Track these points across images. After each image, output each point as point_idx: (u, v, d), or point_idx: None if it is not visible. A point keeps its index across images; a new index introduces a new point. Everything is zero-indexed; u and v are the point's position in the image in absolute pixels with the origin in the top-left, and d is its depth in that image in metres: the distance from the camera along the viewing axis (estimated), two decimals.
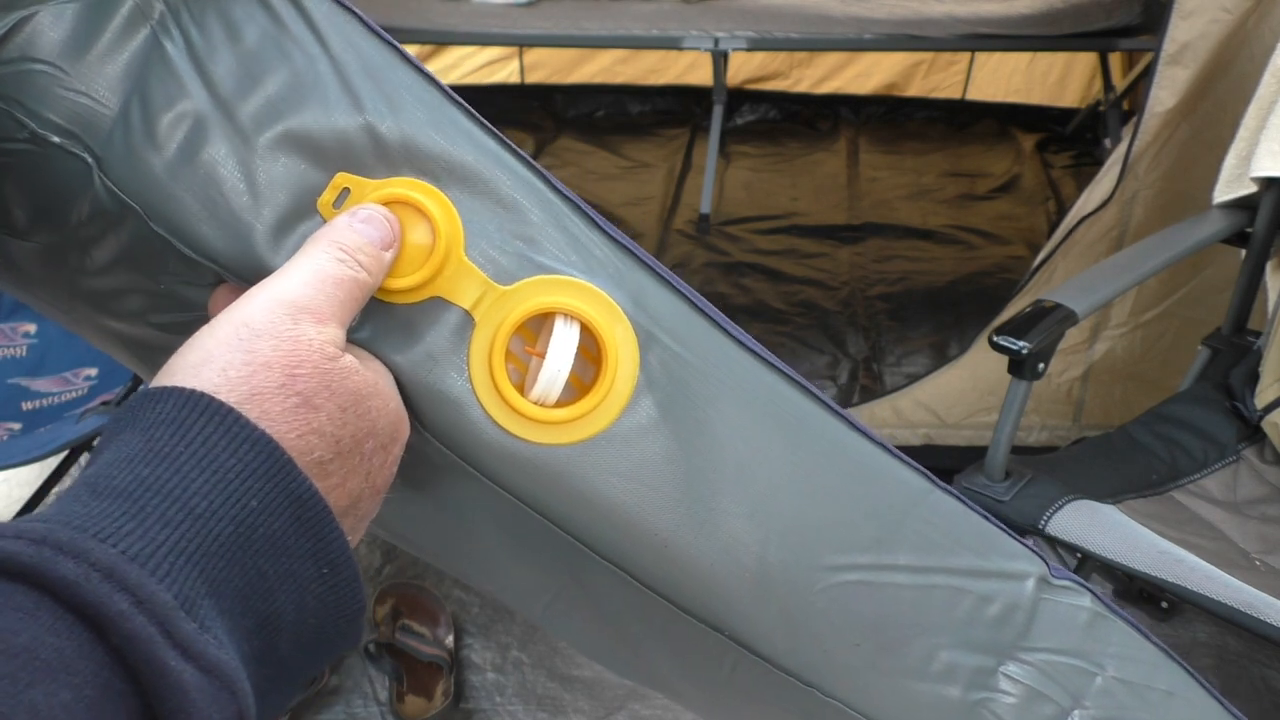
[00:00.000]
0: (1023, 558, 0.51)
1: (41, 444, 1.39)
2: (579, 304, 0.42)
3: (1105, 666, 0.52)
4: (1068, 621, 0.51)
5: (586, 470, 0.43)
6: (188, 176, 0.40)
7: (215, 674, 0.29)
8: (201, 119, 0.40)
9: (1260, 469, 1.28)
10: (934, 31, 2.43)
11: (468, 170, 0.42)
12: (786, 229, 2.56)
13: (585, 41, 2.76)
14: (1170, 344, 1.71)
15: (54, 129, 0.40)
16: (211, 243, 0.40)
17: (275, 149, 0.40)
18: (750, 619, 0.46)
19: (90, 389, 1.62)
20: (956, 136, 3.06)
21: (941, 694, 0.49)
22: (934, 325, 2.17)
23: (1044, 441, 1.80)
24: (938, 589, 0.48)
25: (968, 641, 0.49)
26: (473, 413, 0.42)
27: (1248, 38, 1.50)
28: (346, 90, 0.41)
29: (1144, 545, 1.10)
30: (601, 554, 0.45)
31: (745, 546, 0.45)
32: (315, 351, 0.36)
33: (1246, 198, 1.33)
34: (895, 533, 0.48)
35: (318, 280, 0.37)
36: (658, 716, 1.42)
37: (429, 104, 0.42)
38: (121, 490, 0.30)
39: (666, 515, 0.44)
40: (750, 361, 0.46)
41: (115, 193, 0.40)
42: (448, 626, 1.55)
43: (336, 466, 0.36)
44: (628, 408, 0.43)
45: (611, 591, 0.47)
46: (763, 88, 3.18)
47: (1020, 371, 1.13)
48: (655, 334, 0.44)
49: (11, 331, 1.68)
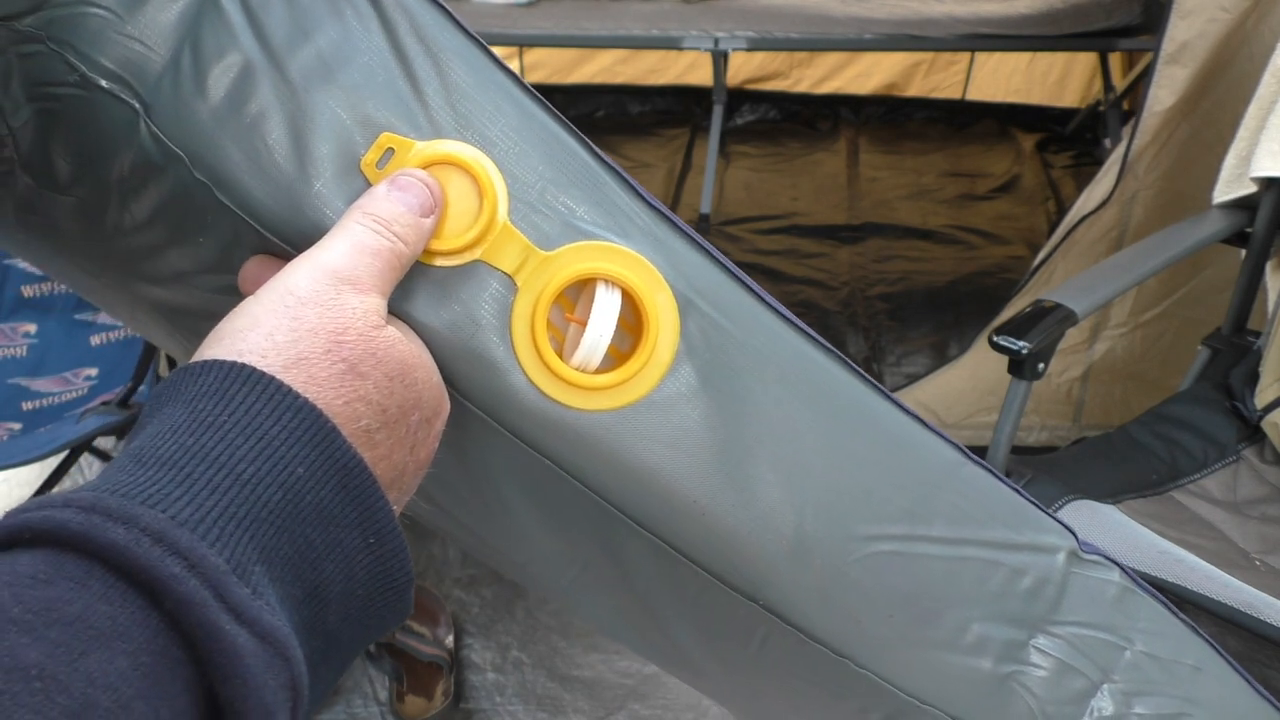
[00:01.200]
0: (1054, 531, 0.51)
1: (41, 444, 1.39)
2: (622, 270, 0.42)
3: (1134, 641, 0.52)
4: (1097, 596, 0.51)
5: (627, 436, 0.43)
6: (234, 126, 0.40)
7: (269, 640, 0.28)
8: (251, 70, 0.40)
9: (1260, 469, 1.28)
10: (934, 31, 2.43)
11: (511, 134, 0.42)
12: (786, 229, 2.56)
13: (585, 41, 2.76)
14: (1170, 344, 1.71)
15: (104, 73, 0.40)
16: (252, 193, 0.40)
17: (322, 104, 0.40)
18: (786, 589, 0.46)
19: (90, 389, 1.62)
20: (956, 136, 3.06)
21: (973, 666, 0.49)
22: (934, 325, 2.17)
23: (1044, 441, 1.81)
24: (970, 561, 0.48)
25: (1000, 614, 0.49)
26: (514, 378, 0.42)
27: (1247, 37, 1.50)
28: (395, 50, 0.41)
29: (1144, 545, 1.10)
30: (639, 521, 0.45)
31: (782, 515, 0.45)
32: (359, 319, 0.36)
33: (1246, 198, 1.33)
34: (928, 504, 0.48)
35: (356, 251, 0.37)
36: (658, 716, 1.42)
37: (475, 67, 0.42)
38: (167, 459, 0.30)
39: (705, 482, 0.44)
40: (787, 331, 0.46)
41: (161, 139, 0.40)
42: (448, 626, 1.55)
43: (383, 437, 0.36)
44: (668, 374, 0.43)
45: (644, 562, 0.47)
46: (763, 88, 3.18)
47: (1020, 371, 1.13)
48: (695, 301, 0.44)
49: (11, 331, 1.68)
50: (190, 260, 0.44)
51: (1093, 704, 0.51)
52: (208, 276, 0.44)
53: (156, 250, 0.45)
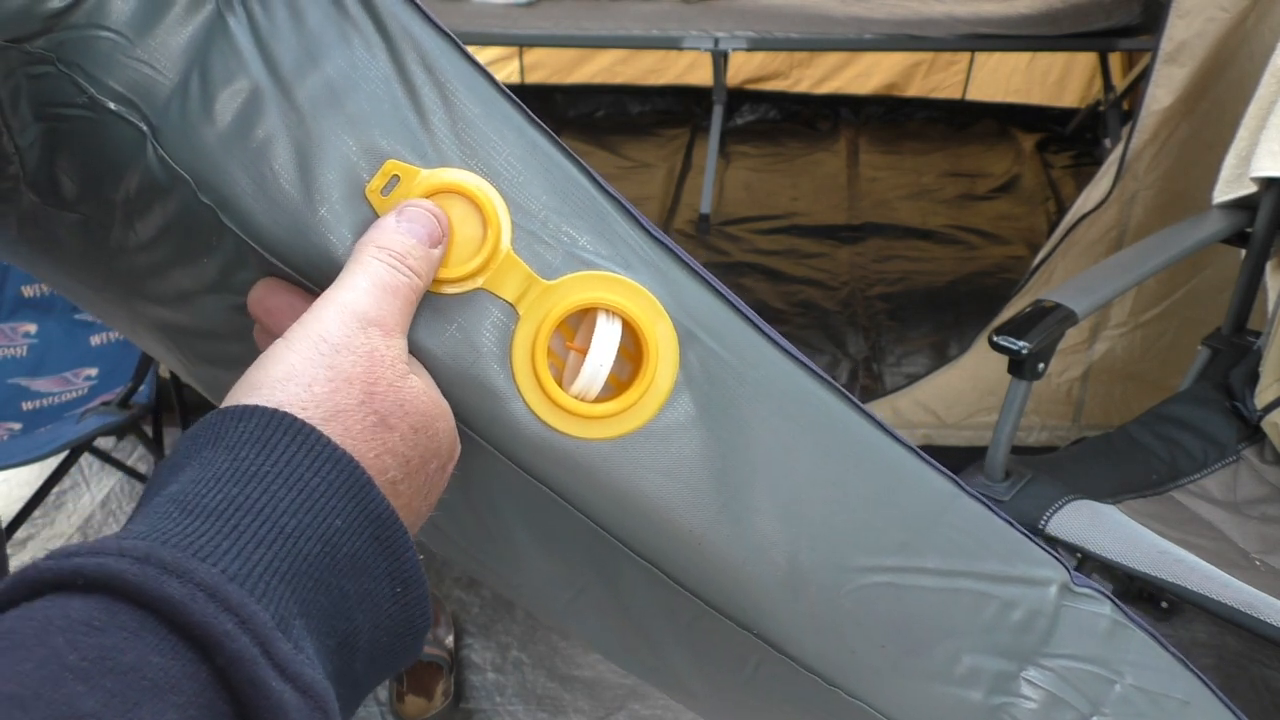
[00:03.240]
0: (1046, 564, 0.51)
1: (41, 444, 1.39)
2: (622, 300, 0.43)
3: (1124, 674, 0.52)
4: (1088, 629, 0.52)
5: (625, 465, 0.43)
6: (240, 151, 0.40)
7: (310, 694, 0.29)
8: (259, 96, 0.40)
9: (1260, 469, 1.28)
10: (934, 31, 2.43)
11: (515, 163, 0.42)
12: (786, 229, 2.56)
13: (585, 41, 2.76)
14: (1170, 344, 1.71)
15: (112, 96, 0.40)
16: (257, 218, 0.40)
17: (329, 131, 0.41)
18: (779, 618, 0.46)
19: (90, 389, 1.62)
20: (956, 136, 3.06)
21: (964, 697, 0.49)
22: (934, 325, 2.17)
23: (1044, 441, 1.81)
24: (963, 593, 0.49)
25: (991, 646, 0.49)
26: (514, 406, 0.42)
27: (1246, 37, 1.50)
28: (402, 78, 0.42)
29: (1144, 545, 1.10)
30: (635, 550, 0.45)
31: (777, 546, 0.45)
32: (389, 368, 0.36)
33: (1246, 198, 1.33)
34: (923, 536, 0.48)
35: (378, 290, 0.37)
36: (658, 716, 1.42)
37: (481, 96, 0.42)
38: (214, 510, 0.31)
39: (701, 513, 0.44)
40: (785, 363, 0.46)
41: (167, 162, 0.41)
42: (448, 626, 1.55)
43: (405, 486, 0.36)
44: (667, 404, 0.44)
45: (639, 588, 0.47)
46: (763, 88, 3.18)
47: (1020, 371, 1.13)
48: (695, 332, 0.44)
49: (11, 331, 1.68)
50: (193, 280, 0.44)
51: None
52: (210, 297, 0.44)
53: (160, 269, 0.45)
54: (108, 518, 1.82)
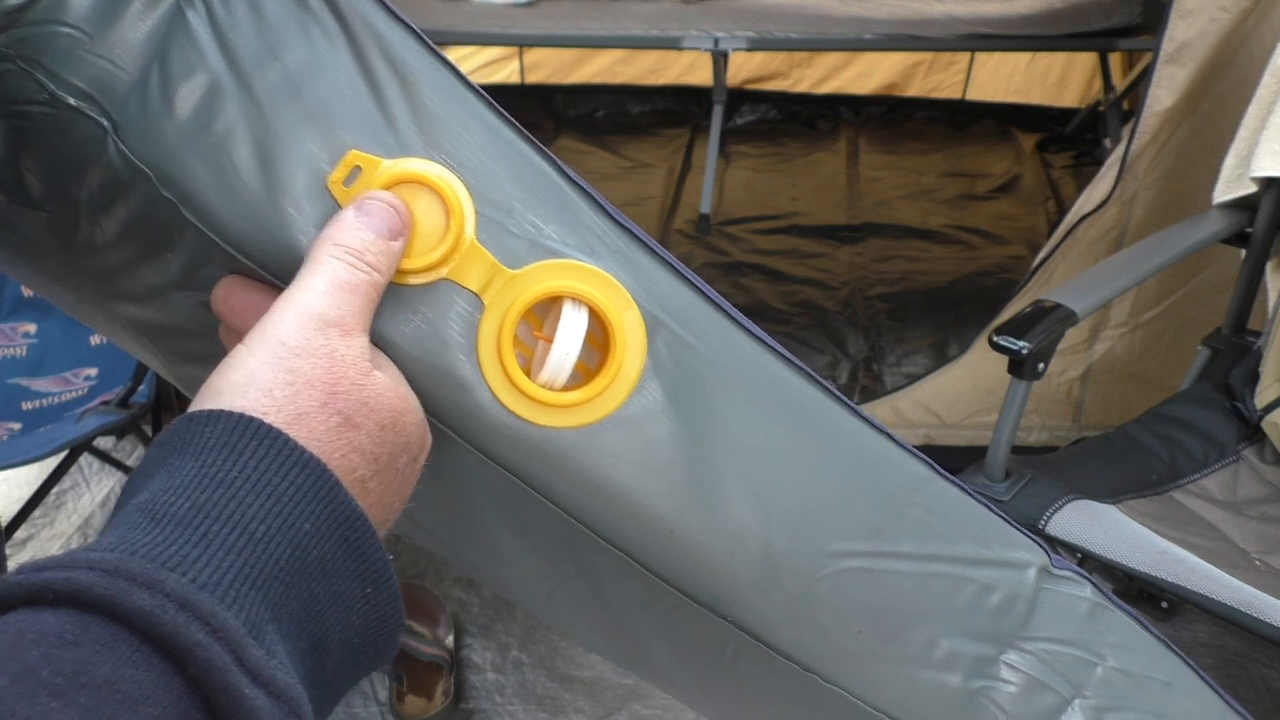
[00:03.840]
0: (1024, 547, 0.51)
1: (41, 444, 1.39)
2: (588, 288, 0.43)
3: (1105, 657, 0.52)
4: (1068, 611, 0.51)
5: (593, 454, 0.43)
6: (201, 145, 0.40)
7: (283, 699, 0.29)
8: (218, 89, 0.40)
9: (1260, 469, 1.28)
10: (934, 31, 2.43)
11: (478, 153, 0.42)
12: (786, 229, 2.56)
13: (585, 41, 2.76)
14: (1170, 344, 1.71)
15: (73, 91, 0.40)
16: (218, 211, 0.40)
17: (289, 123, 0.41)
18: (754, 605, 0.46)
19: (90, 389, 1.62)
20: (956, 136, 3.06)
21: (942, 682, 0.49)
22: (934, 325, 2.17)
23: (1044, 441, 1.81)
24: (939, 577, 0.48)
25: (969, 630, 0.49)
26: (480, 395, 0.42)
27: (1247, 37, 1.50)
28: (363, 69, 0.41)
29: (1144, 545, 1.10)
30: (607, 539, 0.45)
31: (750, 533, 0.45)
32: (350, 367, 0.36)
33: (1246, 198, 1.33)
34: (897, 521, 0.48)
35: (336, 290, 0.37)
36: (657, 717, 1.42)
37: (443, 87, 0.42)
38: (182, 518, 0.31)
39: (672, 500, 0.44)
40: (755, 348, 0.46)
41: (128, 157, 0.40)
42: (448, 626, 1.55)
43: (375, 484, 0.36)
44: (635, 392, 0.43)
45: (615, 578, 0.47)
46: (763, 88, 3.18)
47: (1020, 371, 1.13)
48: (662, 319, 0.44)
49: (11, 331, 1.68)
50: (160, 277, 0.44)
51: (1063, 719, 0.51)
52: (179, 293, 0.44)
53: (128, 267, 0.45)
54: (108, 517, 1.82)
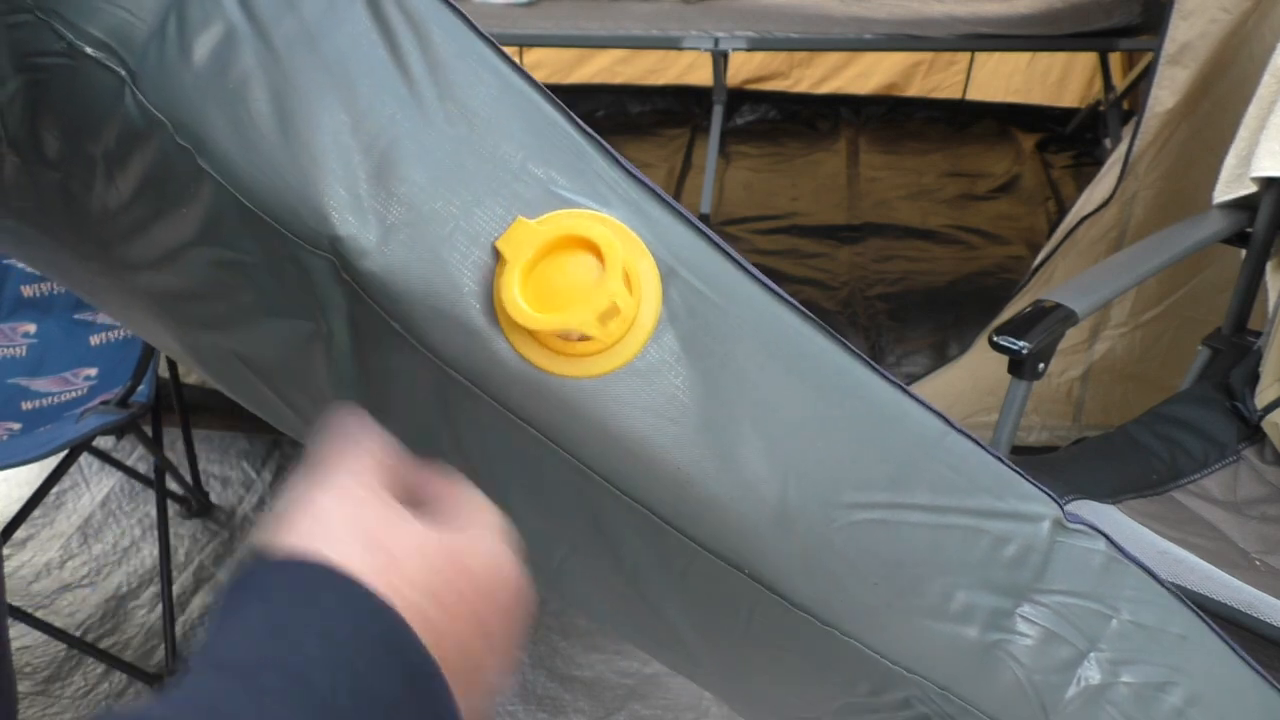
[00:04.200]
0: (1038, 500, 0.51)
1: (41, 444, 1.39)
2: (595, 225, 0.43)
3: (1120, 610, 0.52)
4: (1082, 564, 0.51)
5: (609, 403, 0.43)
6: (217, 93, 0.40)
7: None
8: (235, 38, 0.40)
9: (1260, 469, 1.28)
10: (934, 31, 2.43)
11: (491, 104, 0.42)
12: (786, 229, 2.56)
13: (585, 41, 2.76)
14: (1170, 344, 1.71)
15: (90, 41, 0.40)
16: (233, 160, 0.40)
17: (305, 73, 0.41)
18: (770, 556, 0.46)
19: (90, 389, 1.61)
20: (956, 136, 3.06)
21: (959, 634, 0.49)
22: (934, 325, 2.16)
23: (1044, 441, 1.80)
24: (954, 529, 0.48)
25: (985, 582, 0.49)
26: (497, 345, 0.42)
27: (1248, 37, 1.50)
28: (378, 20, 0.42)
29: (1144, 545, 1.10)
30: (623, 489, 0.45)
31: (765, 482, 0.45)
32: (435, 541, 0.36)
33: (1246, 198, 1.33)
34: (912, 472, 0.48)
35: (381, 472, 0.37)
36: (658, 717, 1.42)
37: (457, 37, 0.42)
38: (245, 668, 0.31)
39: (688, 450, 0.44)
40: (769, 300, 0.46)
41: (145, 106, 0.41)
42: None
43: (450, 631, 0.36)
44: (650, 341, 0.43)
45: (630, 534, 0.47)
46: (763, 88, 3.18)
47: (1020, 371, 1.13)
48: (677, 269, 0.44)
49: (11, 331, 1.68)
50: (175, 236, 0.44)
51: (1079, 672, 0.51)
52: (193, 252, 0.44)
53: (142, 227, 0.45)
54: (107, 517, 1.82)
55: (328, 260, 0.41)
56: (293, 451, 1.93)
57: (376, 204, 0.41)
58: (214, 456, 1.94)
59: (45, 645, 1.56)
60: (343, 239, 0.41)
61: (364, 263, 0.41)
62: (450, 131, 0.42)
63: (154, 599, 1.64)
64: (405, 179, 0.41)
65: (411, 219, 0.41)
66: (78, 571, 1.71)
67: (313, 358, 0.46)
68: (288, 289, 0.43)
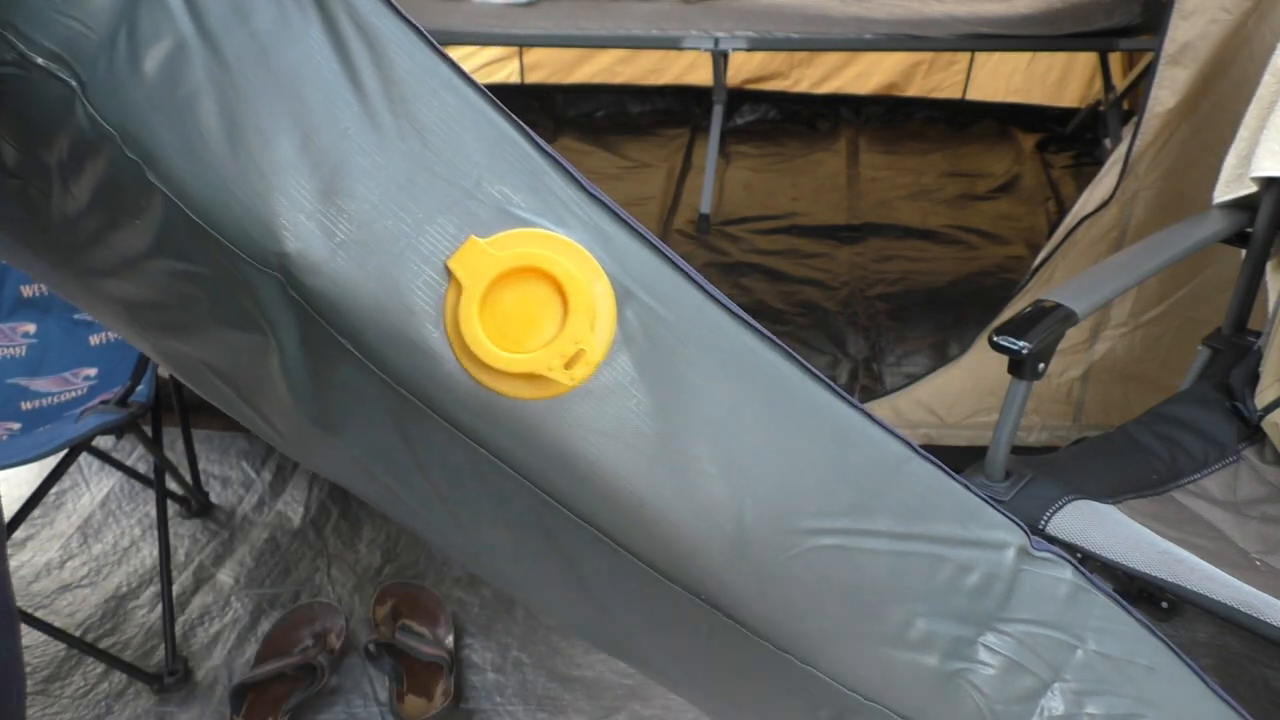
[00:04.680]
0: (1003, 527, 0.50)
1: (41, 444, 1.39)
2: (557, 258, 0.42)
3: (1086, 640, 0.51)
4: (1048, 593, 0.51)
5: (562, 425, 0.43)
6: (167, 106, 0.40)
7: None
8: (186, 50, 0.40)
9: (1260, 469, 1.28)
10: (934, 31, 2.43)
11: (447, 120, 0.42)
12: (786, 229, 2.56)
13: (585, 41, 2.76)
14: (1170, 344, 1.71)
15: (42, 52, 0.41)
16: (181, 174, 0.40)
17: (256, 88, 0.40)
18: (726, 582, 0.46)
19: (90, 389, 1.61)
20: (956, 136, 3.06)
21: (919, 663, 0.48)
22: (934, 325, 2.16)
23: (1044, 441, 1.80)
24: (916, 556, 0.48)
25: (946, 610, 0.49)
26: (447, 365, 0.42)
27: (1248, 37, 1.50)
28: (332, 36, 0.41)
29: (1144, 545, 1.10)
30: (577, 513, 0.45)
31: (722, 507, 0.45)
32: None
33: (1246, 198, 1.33)
34: (873, 499, 0.47)
35: None
36: (658, 717, 1.41)
37: (414, 55, 0.42)
38: None
39: (643, 474, 0.44)
40: (728, 321, 0.45)
41: (95, 118, 0.40)
42: (448, 626, 1.55)
43: None
44: (604, 363, 0.43)
45: (587, 553, 0.47)
46: (763, 88, 3.18)
47: (1020, 371, 1.13)
48: (633, 290, 0.43)
49: (11, 331, 1.68)
50: (130, 245, 0.44)
51: (1043, 703, 0.51)
52: (150, 263, 0.44)
53: (100, 236, 0.45)
54: (107, 517, 1.82)
55: (275, 278, 0.41)
56: None
57: (326, 220, 0.40)
58: (214, 456, 1.94)
59: (45, 645, 1.56)
60: (290, 255, 0.40)
61: (312, 280, 0.40)
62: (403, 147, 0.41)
63: (154, 599, 1.64)
64: (355, 196, 0.41)
65: (361, 236, 0.41)
66: (78, 571, 1.71)
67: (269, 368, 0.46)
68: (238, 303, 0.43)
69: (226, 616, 1.61)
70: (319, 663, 1.45)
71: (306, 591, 1.65)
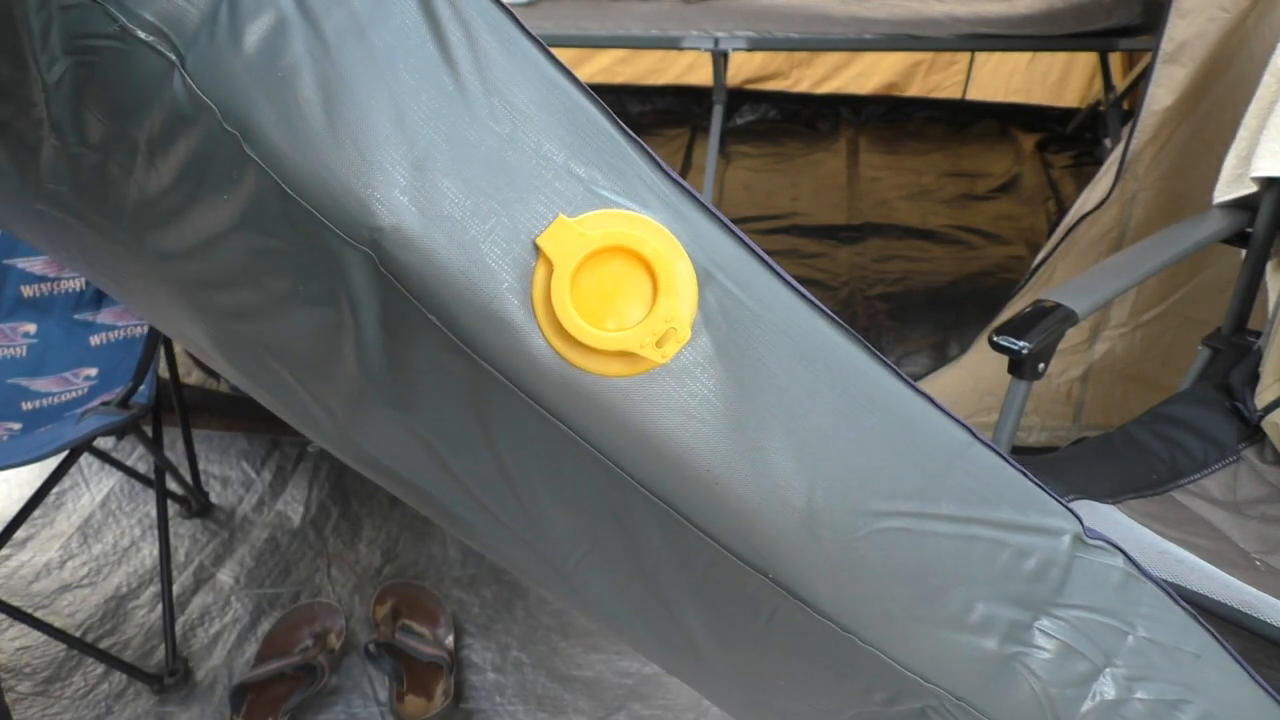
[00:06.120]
0: (1059, 515, 0.51)
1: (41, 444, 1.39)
2: (644, 238, 0.43)
3: (1136, 626, 0.52)
4: (1101, 580, 0.52)
5: (642, 403, 0.44)
6: (267, 80, 0.41)
7: None
8: (286, 27, 0.41)
9: (1260, 469, 1.28)
10: (934, 31, 2.43)
11: (536, 102, 0.42)
12: (786, 229, 2.56)
13: (585, 41, 2.76)
14: (1170, 344, 1.71)
15: (143, 25, 0.41)
16: (279, 147, 0.41)
17: (354, 63, 0.41)
18: (794, 562, 0.46)
19: (90, 389, 1.61)
20: (956, 136, 3.06)
21: (978, 645, 0.49)
22: (934, 325, 2.16)
23: (1044, 441, 1.80)
24: (977, 540, 0.49)
25: (1005, 594, 0.49)
26: (533, 340, 0.42)
27: (1247, 37, 1.50)
28: (427, 13, 0.42)
29: (1144, 545, 1.10)
30: (650, 489, 0.45)
31: (793, 488, 0.45)
32: None
33: (1246, 198, 1.33)
34: (938, 482, 0.48)
35: None
36: (658, 717, 1.42)
37: (504, 35, 0.43)
38: None
39: (718, 452, 0.44)
40: (802, 307, 0.46)
41: (194, 91, 0.41)
42: (448, 626, 1.55)
43: None
44: (686, 343, 0.43)
45: (654, 533, 0.47)
46: (763, 88, 3.18)
47: (1020, 371, 1.13)
48: (713, 273, 0.44)
49: (11, 331, 1.68)
50: (212, 221, 0.44)
51: (1095, 687, 0.51)
52: (230, 238, 0.45)
53: (180, 212, 0.45)
54: (107, 518, 1.82)
55: (365, 253, 0.42)
56: (292, 452, 1.93)
57: (419, 196, 0.41)
58: (214, 456, 1.94)
59: (45, 645, 1.56)
60: (385, 230, 0.41)
61: (403, 254, 0.41)
62: (495, 127, 0.42)
63: (154, 599, 1.64)
64: (448, 172, 0.41)
65: (453, 213, 0.42)
66: (78, 571, 1.71)
67: (340, 348, 0.47)
68: (320, 279, 0.44)
69: (226, 616, 1.61)
70: (319, 663, 1.45)
71: (306, 591, 1.65)
